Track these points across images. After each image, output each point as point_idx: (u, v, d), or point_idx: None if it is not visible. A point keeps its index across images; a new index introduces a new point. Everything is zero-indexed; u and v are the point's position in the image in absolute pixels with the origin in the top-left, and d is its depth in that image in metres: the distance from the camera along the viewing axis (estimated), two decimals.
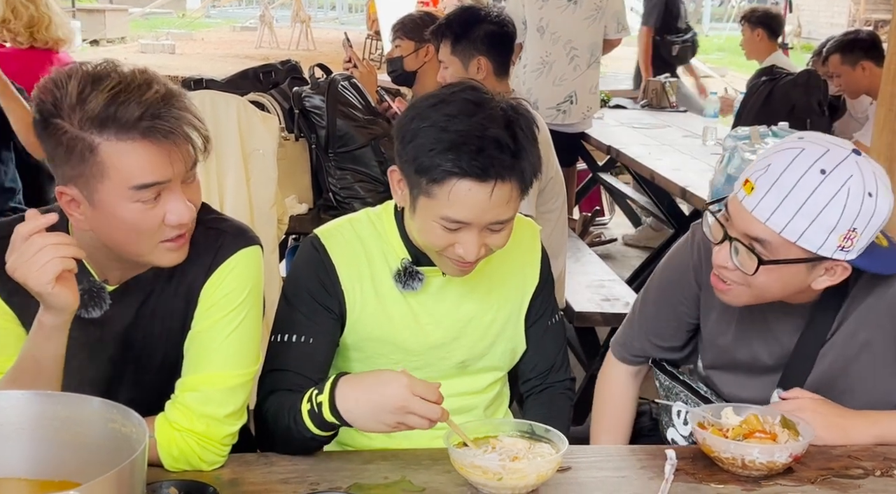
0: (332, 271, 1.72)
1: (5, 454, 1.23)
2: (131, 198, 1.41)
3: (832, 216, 1.53)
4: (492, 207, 1.57)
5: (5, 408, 1.24)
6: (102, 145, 1.38)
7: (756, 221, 1.57)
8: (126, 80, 1.40)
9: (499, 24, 3.15)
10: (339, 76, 3.42)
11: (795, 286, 1.63)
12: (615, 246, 6.19)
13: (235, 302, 1.57)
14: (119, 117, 1.37)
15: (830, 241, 1.55)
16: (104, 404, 1.23)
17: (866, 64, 4.45)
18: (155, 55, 16.62)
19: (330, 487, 1.48)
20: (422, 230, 1.64)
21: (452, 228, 1.59)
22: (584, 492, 1.52)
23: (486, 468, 1.47)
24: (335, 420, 1.52)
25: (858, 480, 1.57)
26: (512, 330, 1.85)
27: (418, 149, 1.57)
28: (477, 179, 1.54)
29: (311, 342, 1.71)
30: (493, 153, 1.54)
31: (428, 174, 1.56)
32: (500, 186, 1.55)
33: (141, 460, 1.13)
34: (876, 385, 1.72)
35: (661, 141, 5.30)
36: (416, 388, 1.47)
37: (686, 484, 1.54)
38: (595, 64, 5.19)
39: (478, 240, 1.60)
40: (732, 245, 1.61)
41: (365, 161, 3.31)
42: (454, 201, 1.56)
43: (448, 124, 1.55)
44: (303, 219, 3.40)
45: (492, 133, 1.55)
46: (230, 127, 3.01)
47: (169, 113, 1.40)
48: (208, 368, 1.55)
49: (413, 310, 1.76)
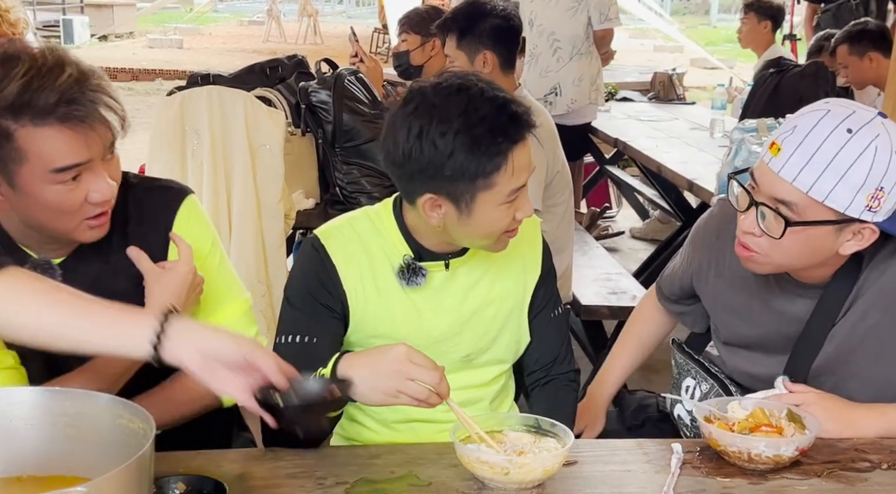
0: (333, 271, 1.73)
1: (15, 449, 1.24)
2: (52, 181, 1.43)
3: (859, 174, 1.52)
4: (530, 161, 1.66)
5: (15, 405, 1.25)
6: (19, 131, 1.40)
7: (783, 182, 1.57)
8: (37, 64, 1.41)
9: (504, 18, 3.15)
10: (345, 71, 3.42)
11: (822, 252, 1.63)
12: (622, 239, 6.19)
13: (207, 243, 1.66)
14: (34, 104, 1.39)
15: (858, 201, 1.54)
16: (112, 400, 1.24)
17: (874, 55, 4.43)
18: (163, 50, 16.66)
19: (337, 481, 1.49)
20: (485, 225, 1.66)
21: (513, 199, 1.65)
22: (590, 486, 1.52)
23: (493, 462, 1.48)
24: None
25: (865, 473, 1.57)
26: (515, 322, 1.86)
27: (461, 164, 1.59)
28: (519, 142, 1.62)
29: (315, 342, 1.72)
30: (508, 112, 1.61)
31: (484, 169, 1.60)
32: (525, 141, 1.64)
33: (149, 455, 1.14)
34: (881, 371, 1.71)
35: (668, 133, 5.29)
36: (415, 357, 1.48)
37: (692, 478, 1.54)
38: (579, 56, 5.15)
39: (527, 196, 1.68)
40: (759, 210, 1.62)
41: (371, 155, 3.31)
42: (516, 171, 1.62)
43: (466, 122, 1.58)
44: (310, 214, 3.41)
45: (490, 95, 1.61)
46: (237, 122, 3.03)
47: (84, 96, 1.41)
48: (217, 304, 1.63)
49: (416, 306, 1.77)
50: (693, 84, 11.34)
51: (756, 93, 4.53)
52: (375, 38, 14.80)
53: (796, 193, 1.56)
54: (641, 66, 10.53)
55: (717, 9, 24.36)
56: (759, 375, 1.78)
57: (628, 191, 6.27)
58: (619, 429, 2.06)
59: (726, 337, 1.88)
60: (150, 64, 14.46)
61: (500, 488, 1.48)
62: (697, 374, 1.89)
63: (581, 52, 5.16)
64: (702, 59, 13.79)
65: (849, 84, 4.59)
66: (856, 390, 1.73)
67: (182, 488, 1.41)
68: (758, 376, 1.79)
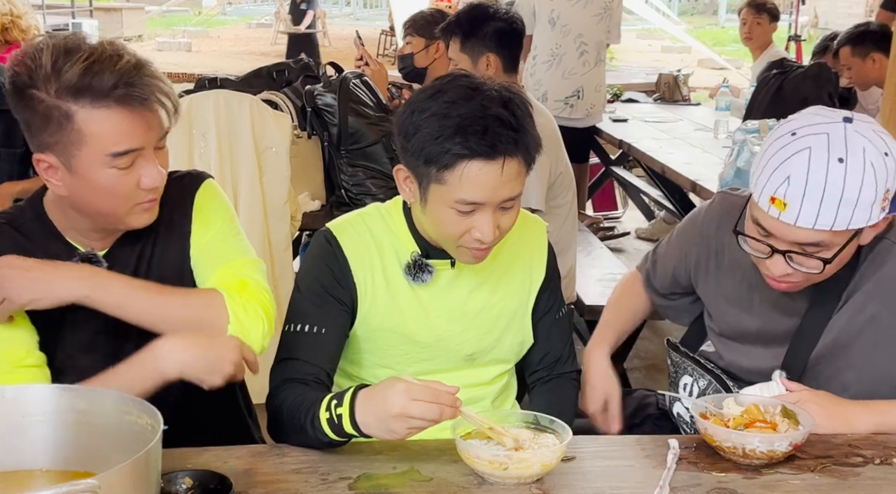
0: (345, 263, 1.77)
1: (27, 445, 1.28)
2: (108, 164, 1.50)
3: (869, 192, 1.56)
4: (503, 184, 1.61)
5: (28, 402, 1.28)
6: (79, 113, 1.46)
7: (804, 230, 1.59)
8: (97, 51, 1.48)
9: (507, 21, 3.18)
10: (350, 74, 3.46)
11: (848, 257, 1.68)
12: (628, 239, 6.21)
13: (225, 213, 1.73)
14: (94, 86, 1.45)
15: (875, 210, 1.59)
16: (120, 397, 1.27)
17: (877, 56, 4.44)
18: (171, 53, 16.73)
19: (340, 477, 1.53)
20: (436, 221, 1.67)
21: (467, 211, 1.62)
22: (588, 481, 1.55)
23: (492, 458, 1.51)
24: (355, 432, 1.54)
25: (858, 468, 1.59)
26: (519, 323, 1.89)
27: (424, 140, 1.60)
28: (486, 158, 1.58)
29: (323, 332, 1.75)
30: (497, 130, 1.58)
31: (438, 161, 1.59)
32: (508, 163, 1.60)
33: (156, 450, 1.17)
34: (878, 361, 1.74)
35: (672, 134, 5.31)
36: (414, 393, 1.47)
37: (688, 473, 1.57)
38: (600, 62, 5.21)
39: (492, 220, 1.64)
40: (786, 256, 1.64)
41: (376, 157, 3.35)
42: (466, 183, 1.59)
43: (449, 110, 1.59)
44: (316, 216, 3.45)
45: (493, 112, 1.59)
46: (244, 125, 3.07)
47: (141, 80, 1.48)
48: (231, 260, 1.69)
49: (422, 303, 1.80)
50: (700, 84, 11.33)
51: (759, 94, 4.55)
52: (383, 40, 14.85)
53: (821, 234, 1.59)
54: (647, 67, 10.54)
55: (725, 9, 24.30)
56: (757, 368, 1.81)
57: (634, 192, 6.29)
58: None
59: (724, 329, 1.91)
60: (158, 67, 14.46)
61: (499, 483, 1.51)
62: (694, 371, 1.92)
63: (602, 58, 5.22)
64: (709, 59, 13.78)
65: (852, 85, 4.61)
66: (853, 380, 1.76)
67: (189, 482, 1.44)
68: (755, 369, 1.81)
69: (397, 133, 1.68)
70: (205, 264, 1.70)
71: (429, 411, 1.47)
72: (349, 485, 1.50)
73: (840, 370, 1.76)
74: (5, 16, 4.07)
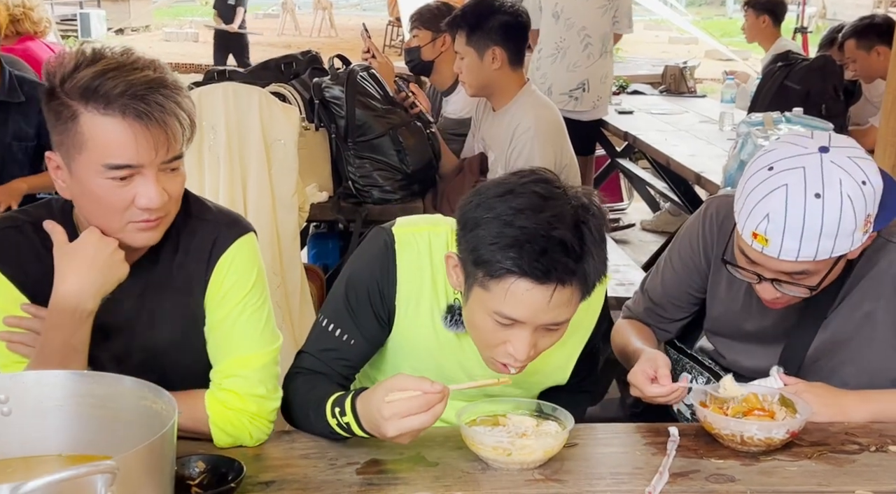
0: (393, 278, 1.70)
1: (46, 428, 1.32)
2: (102, 174, 1.47)
3: (848, 223, 1.59)
4: (550, 309, 1.50)
5: (45, 387, 1.32)
6: (84, 116, 1.45)
7: (787, 262, 1.63)
8: (122, 61, 1.46)
9: (513, 14, 3.21)
10: (357, 67, 3.49)
11: (838, 273, 1.72)
12: (633, 231, 6.23)
13: (245, 288, 1.63)
14: (101, 91, 1.43)
15: (857, 236, 1.62)
16: (136, 383, 1.31)
17: (881, 48, 4.45)
18: (178, 43, 16.77)
19: (348, 462, 1.57)
20: (473, 323, 1.58)
21: (506, 324, 1.52)
22: (590, 467, 1.59)
23: (496, 444, 1.55)
24: (366, 435, 1.56)
25: (854, 455, 1.63)
26: (558, 376, 1.84)
27: (479, 241, 1.50)
28: (537, 281, 1.47)
29: (353, 343, 1.71)
30: (556, 256, 1.46)
31: (486, 267, 1.49)
32: (560, 290, 1.48)
33: (171, 435, 1.21)
34: (874, 356, 1.78)
35: (677, 126, 5.33)
36: (402, 411, 1.46)
37: (687, 459, 1.61)
38: (606, 54, 5.22)
39: (530, 339, 1.53)
40: (774, 282, 1.69)
41: (383, 150, 3.38)
42: (510, 299, 1.49)
43: (513, 219, 1.47)
44: (323, 207, 3.48)
45: (558, 234, 1.46)
46: (252, 118, 3.09)
47: (151, 97, 1.44)
48: (238, 351, 1.62)
49: (462, 345, 1.73)
50: (707, 75, 11.33)
51: (764, 86, 4.57)
52: (389, 31, 14.85)
53: (805, 265, 1.63)
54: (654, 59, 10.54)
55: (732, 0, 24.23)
56: (755, 366, 1.84)
57: (639, 184, 6.31)
58: (620, 417, 2.11)
59: (722, 328, 1.94)
60: (166, 57, 14.41)
61: (503, 468, 1.55)
62: (693, 369, 1.95)
63: (607, 50, 5.23)
64: (716, 50, 13.76)
65: (857, 78, 4.62)
66: (850, 375, 1.79)
67: (202, 466, 1.48)
68: (753, 367, 1.85)
69: (458, 220, 1.57)
70: (213, 345, 1.65)
71: (423, 422, 1.46)
72: (357, 470, 1.55)
73: (838, 366, 1.79)
74: (17, 7, 4.11)
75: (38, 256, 1.57)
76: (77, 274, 1.50)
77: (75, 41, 15.07)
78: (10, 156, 3.40)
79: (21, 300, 1.57)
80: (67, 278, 1.50)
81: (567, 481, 1.53)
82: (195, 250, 1.62)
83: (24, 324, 1.54)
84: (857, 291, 1.77)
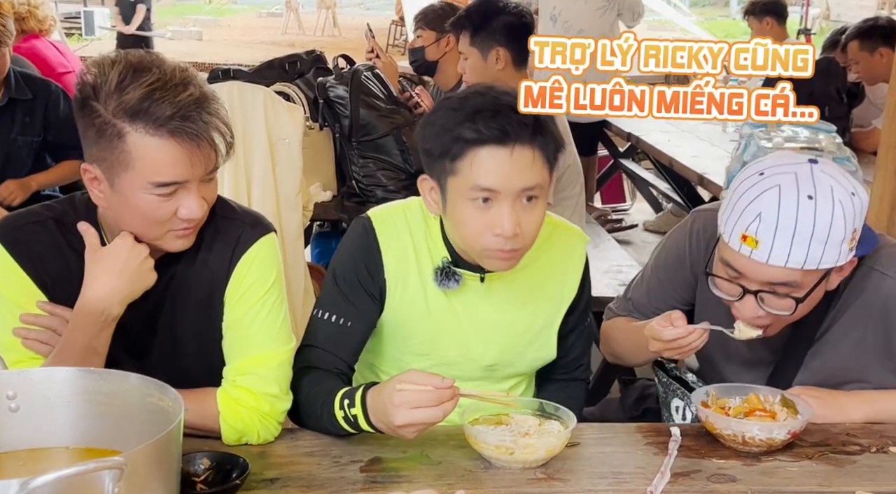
0: (378, 256, 1.77)
1: (54, 424, 1.33)
2: (149, 191, 1.49)
3: (838, 230, 1.58)
4: (516, 171, 1.60)
5: (54, 383, 1.33)
6: (131, 135, 1.46)
7: (776, 268, 1.60)
8: (165, 78, 1.47)
9: (517, 15, 3.21)
10: (362, 66, 3.50)
11: (818, 299, 1.69)
12: (636, 232, 6.24)
13: (265, 287, 1.66)
14: (151, 113, 1.45)
15: (843, 250, 1.61)
16: (143, 380, 1.32)
17: (884, 50, 4.46)
18: (182, 42, 16.77)
19: (352, 460, 1.58)
20: (457, 219, 1.66)
21: (483, 198, 1.61)
22: (591, 466, 1.60)
23: (499, 443, 1.56)
24: (372, 430, 1.58)
25: (854, 456, 1.64)
26: (544, 340, 1.87)
27: (437, 133, 1.63)
28: (497, 144, 1.59)
29: (349, 325, 1.76)
30: (508, 117, 1.59)
31: (450, 151, 1.61)
32: (520, 150, 1.60)
33: (177, 431, 1.22)
34: (870, 379, 1.79)
35: (681, 128, 5.33)
36: (413, 401, 1.48)
37: (689, 459, 1.62)
38: None
39: (511, 212, 1.61)
40: (757, 297, 1.65)
41: (387, 149, 3.40)
42: (478, 170, 1.60)
43: (462, 104, 1.63)
44: (327, 206, 3.49)
45: (505, 100, 1.61)
46: (257, 117, 3.10)
47: (199, 116, 1.47)
48: (254, 350, 1.64)
49: (453, 308, 1.80)
50: None
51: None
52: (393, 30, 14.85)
53: (793, 273, 1.61)
54: None
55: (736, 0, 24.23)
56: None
57: (642, 185, 6.32)
58: (620, 418, 2.11)
59: (711, 347, 1.88)
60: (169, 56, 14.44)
61: (505, 467, 1.56)
62: (685, 396, 1.91)
63: None
64: None
65: (860, 80, 4.63)
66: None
67: (207, 463, 1.49)
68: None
69: (419, 143, 1.70)
70: (230, 342, 1.67)
71: (431, 415, 1.48)
72: (360, 468, 1.56)
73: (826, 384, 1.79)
74: (22, 5, 4.13)
75: (60, 252, 1.59)
76: (106, 279, 1.53)
77: (79, 39, 15.11)
78: (15, 151, 3.44)
79: (39, 297, 1.58)
80: (97, 283, 1.53)
81: (569, 480, 1.54)
82: (218, 248, 1.65)
83: (40, 322, 1.56)
84: (844, 318, 1.77)
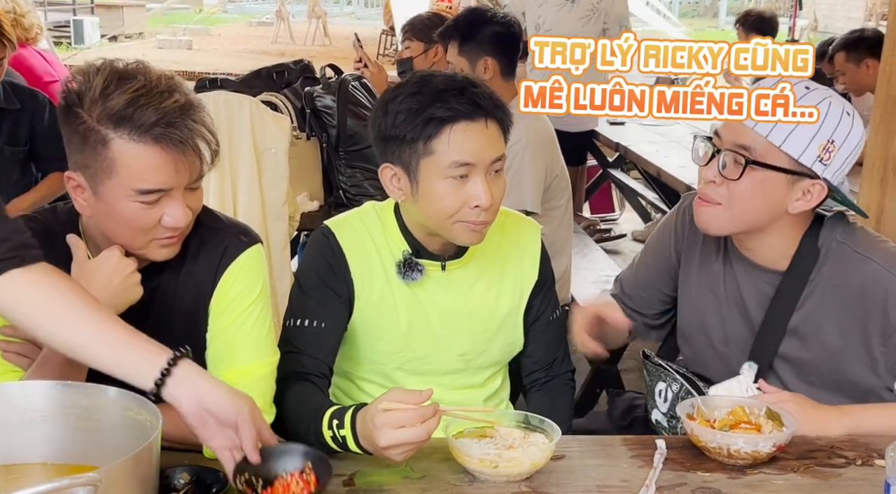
0: (342, 258, 1.80)
1: (30, 439, 1.32)
2: (133, 198, 1.49)
3: (815, 124, 1.62)
4: (490, 143, 1.68)
5: (30, 397, 1.32)
6: (115, 142, 1.45)
7: (745, 128, 1.68)
8: (150, 85, 1.47)
9: (505, 24, 3.22)
10: (349, 76, 3.50)
11: (775, 205, 1.73)
12: (624, 241, 6.24)
13: (250, 298, 1.65)
14: (136, 119, 1.44)
15: (811, 149, 1.66)
16: (121, 393, 1.31)
17: (871, 62, 4.47)
18: (172, 51, 16.74)
19: (335, 473, 1.56)
20: (432, 200, 1.70)
21: (461, 174, 1.67)
22: (576, 479, 1.59)
23: (482, 456, 1.55)
24: (361, 452, 1.56)
25: (840, 469, 1.63)
26: (510, 325, 1.92)
27: (404, 120, 1.67)
28: (470, 119, 1.66)
29: (323, 326, 1.79)
30: (472, 92, 1.67)
31: (423, 133, 1.66)
32: (491, 123, 1.69)
33: (155, 446, 1.21)
34: (845, 368, 1.79)
35: (669, 138, 5.35)
36: (395, 422, 1.46)
37: (674, 472, 1.61)
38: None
39: (485, 184, 1.69)
40: (721, 159, 1.72)
41: (374, 159, 3.34)
42: (455, 145, 1.66)
43: (421, 87, 1.68)
44: (314, 216, 3.48)
45: (462, 78, 1.71)
46: (243, 126, 3.10)
47: (184, 123, 1.47)
48: (238, 362, 1.63)
49: (419, 300, 1.84)
50: None
51: None
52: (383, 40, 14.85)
53: (757, 138, 1.68)
54: None
55: (725, 11, 24.36)
56: (726, 368, 1.84)
57: (630, 195, 6.33)
58: (607, 429, 2.11)
59: (691, 328, 1.94)
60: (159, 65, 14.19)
61: (489, 480, 1.55)
62: (667, 377, 1.94)
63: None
64: None
65: (847, 91, 4.64)
66: (826, 384, 1.81)
67: (186, 478, 1.47)
68: (724, 369, 1.84)
69: (374, 135, 1.74)
70: (213, 353, 1.66)
71: (415, 435, 1.46)
72: (343, 482, 1.54)
73: (808, 372, 1.81)
74: (8, 13, 4.10)
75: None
76: (91, 293, 1.49)
77: (68, 48, 15.08)
78: (1, 161, 3.41)
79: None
80: None
81: (554, 493, 1.53)
82: (204, 259, 1.64)
83: (19, 334, 1.54)
84: (822, 293, 1.78)
